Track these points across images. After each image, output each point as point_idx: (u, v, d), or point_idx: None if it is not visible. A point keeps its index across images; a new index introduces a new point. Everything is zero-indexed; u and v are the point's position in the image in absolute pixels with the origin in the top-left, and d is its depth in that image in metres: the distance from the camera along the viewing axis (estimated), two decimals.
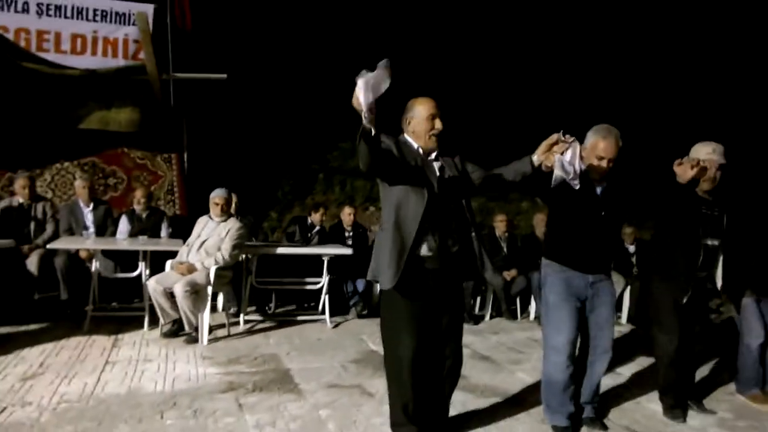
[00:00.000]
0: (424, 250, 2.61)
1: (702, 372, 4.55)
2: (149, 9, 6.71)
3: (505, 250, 6.82)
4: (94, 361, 4.07)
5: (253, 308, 5.95)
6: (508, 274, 6.55)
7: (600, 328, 3.11)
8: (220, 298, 5.81)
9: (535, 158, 2.67)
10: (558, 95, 10.57)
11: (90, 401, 3.25)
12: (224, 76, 6.76)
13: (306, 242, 6.35)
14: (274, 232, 8.21)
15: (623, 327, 6.45)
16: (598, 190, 3.06)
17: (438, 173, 2.71)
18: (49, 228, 5.73)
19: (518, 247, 6.92)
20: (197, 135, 7.30)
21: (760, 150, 9.39)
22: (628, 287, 6.62)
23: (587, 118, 3.38)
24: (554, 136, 2.63)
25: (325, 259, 5.56)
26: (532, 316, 6.54)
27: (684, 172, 2.93)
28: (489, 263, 2.78)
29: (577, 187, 2.70)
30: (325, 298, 5.70)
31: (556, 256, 3.10)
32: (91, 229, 5.77)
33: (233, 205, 6.08)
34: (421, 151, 2.73)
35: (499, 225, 6.90)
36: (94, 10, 6.65)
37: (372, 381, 3.88)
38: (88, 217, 5.83)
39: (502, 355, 4.86)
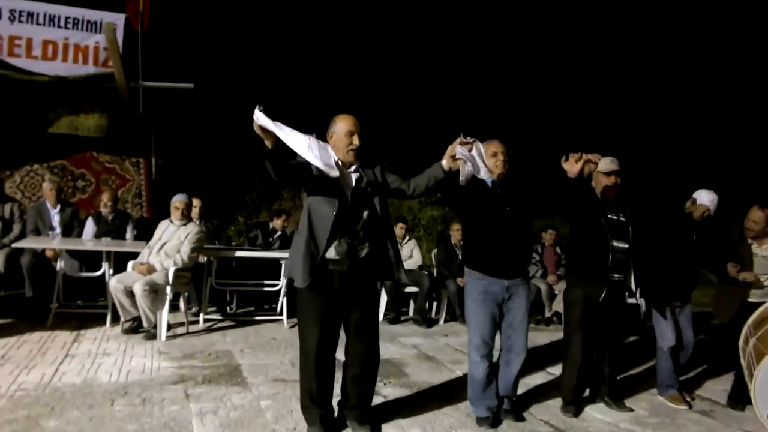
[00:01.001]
0: (332, 254, 2.90)
1: (630, 372, 4.93)
2: (121, 18, 6.94)
3: (459, 257, 7.15)
4: (54, 354, 4.30)
5: (214, 308, 6.19)
6: (461, 281, 6.88)
7: (514, 330, 3.41)
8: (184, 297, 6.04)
9: (444, 163, 2.96)
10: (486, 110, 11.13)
11: (46, 390, 3.49)
12: (191, 85, 7.00)
13: (267, 247, 6.62)
14: (241, 236, 8.46)
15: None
16: (504, 197, 3.38)
17: (354, 184, 3.00)
18: (16, 228, 5.94)
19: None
20: (166, 141, 7.53)
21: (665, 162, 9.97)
22: None
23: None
24: (457, 140, 2.92)
25: (283, 263, 5.84)
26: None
27: (571, 166, 3.22)
28: (402, 266, 3.10)
29: (487, 177, 3.03)
30: (282, 300, 5.97)
31: (474, 264, 3.42)
32: (58, 230, 5.96)
33: (197, 210, 6.35)
34: (340, 163, 2.99)
35: (455, 233, 7.23)
36: (66, 18, 6.85)
37: None
38: (55, 218, 6.04)
39: (446, 356, 5.17)
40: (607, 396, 3.92)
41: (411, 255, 7.11)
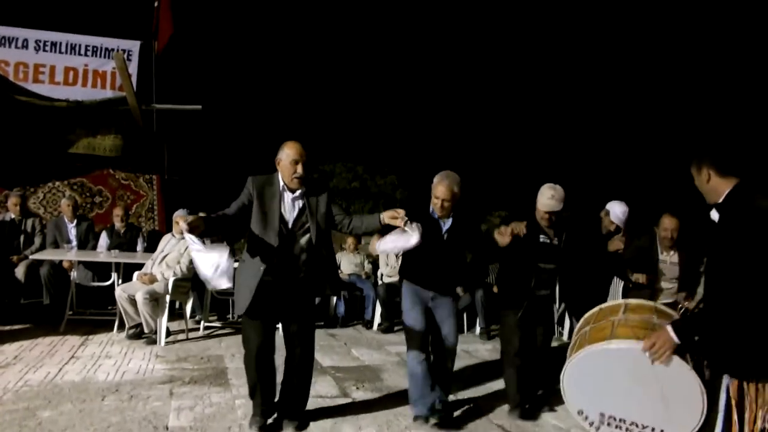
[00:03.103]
0: (270, 277, 3.23)
1: None
2: (135, 45, 7.54)
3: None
4: (61, 355, 4.77)
5: (215, 317, 6.63)
6: (460, 290, 7.15)
7: (442, 324, 3.76)
8: (189, 305, 6.47)
9: (383, 217, 3.22)
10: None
11: (48, 386, 3.94)
12: (199, 107, 7.51)
13: None
14: None
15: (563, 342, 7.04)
16: (443, 224, 3.70)
17: (296, 212, 3.31)
18: (37, 241, 6.49)
19: (466, 265, 7.51)
20: (177, 159, 8.05)
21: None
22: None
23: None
24: (401, 212, 3.15)
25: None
26: (477, 331, 7.12)
27: (502, 239, 3.52)
28: (336, 281, 3.59)
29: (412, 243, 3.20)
30: None
31: (407, 276, 3.80)
32: (74, 243, 6.50)
33: None
34: (285, 188, 3.30)
35: None
36: (86, 46, 7.48)
37: None
38: (72, 232, 6.57)
39: None
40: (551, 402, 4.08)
41: None
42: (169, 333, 5.54)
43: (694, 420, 2.40)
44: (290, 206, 3.31)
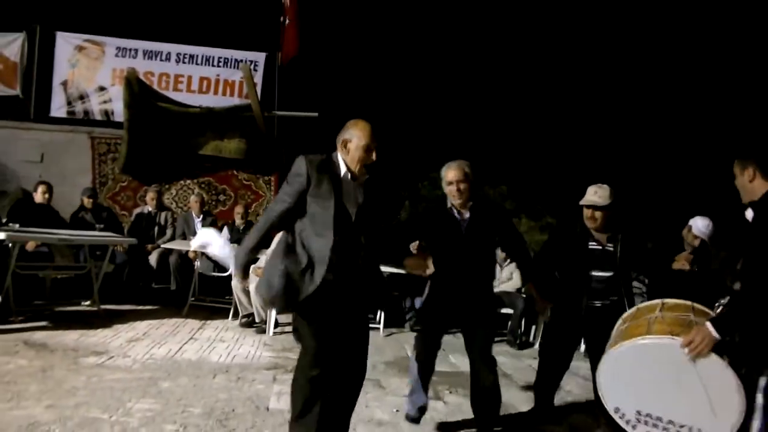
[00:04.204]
0: (329, 276, 2.63)
1: None
2: (261, 57, 8.18)
3: None
4: (182, 336, 5.30)
5: None
6: None
7: (470, 345, 3.49)
8: None
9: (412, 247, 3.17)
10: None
11: (169, 361, 4.41)
12: (315, 114, 7.92)
13: None
14: None
15: None
16: (461, 221, 3.41)
17: (360, 202, 2.73)
18: (168, 232, 7.21)
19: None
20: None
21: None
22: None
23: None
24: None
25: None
26: (582, 347, 6.86)
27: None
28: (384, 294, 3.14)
29: None
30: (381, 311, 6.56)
31: (432, 278, 3.56)
32: None
33: None
34: (349, 176, 2.72)
35: None
36: (218, 58, 8.28)
37: (391, 379, 4.65)
38: (198, 226, 7.22)
39: (523, 375, 5.35)
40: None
41: (510, 277, 7.29)
42: (277, 324, 5.91)
43: (732, 418, 2.32)
44: (352, 195, 2.73)
